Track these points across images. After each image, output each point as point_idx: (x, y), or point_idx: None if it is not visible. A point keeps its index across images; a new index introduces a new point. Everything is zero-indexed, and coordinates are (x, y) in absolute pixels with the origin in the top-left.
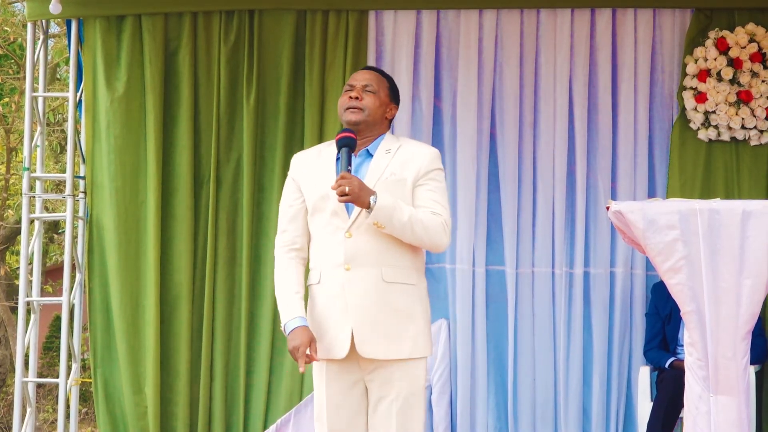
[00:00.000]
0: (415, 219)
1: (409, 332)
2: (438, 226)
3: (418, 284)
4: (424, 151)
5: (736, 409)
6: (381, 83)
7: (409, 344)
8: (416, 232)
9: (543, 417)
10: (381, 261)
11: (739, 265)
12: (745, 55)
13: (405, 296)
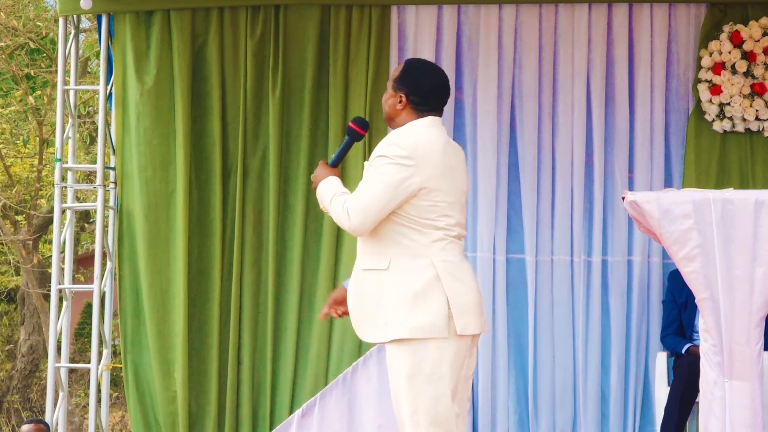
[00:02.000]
0: (332, 203)
1: (379, 317)
2: (340, 211)
3: (390, 270)
4: (382, 142)
5: (750, 394)
6: (392, 77)
7: (381, 328)
8: (333, 215)
9: (562, 401)
10: (362, 250)
11: (752, 253)
12: (758, 48)
13: (376, 283)
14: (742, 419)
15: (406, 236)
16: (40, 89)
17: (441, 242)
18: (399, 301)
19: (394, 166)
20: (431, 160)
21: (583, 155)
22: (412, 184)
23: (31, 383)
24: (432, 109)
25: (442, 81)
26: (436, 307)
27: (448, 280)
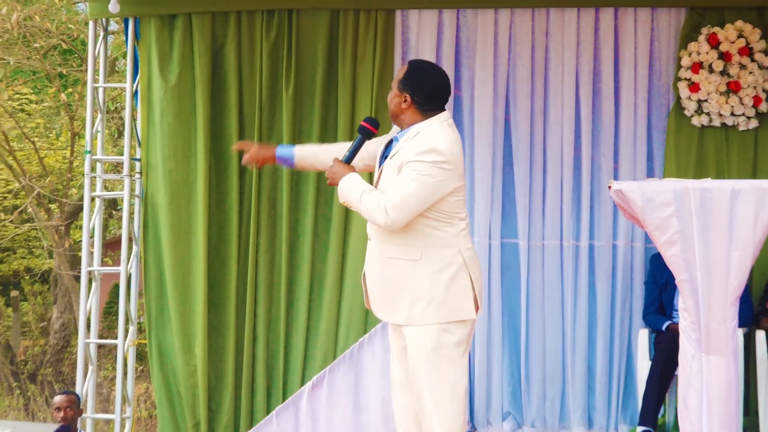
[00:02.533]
0: (363, 199)
1: (404, 302)
2: (375, 209)
3: (422, 260)
4: (415, 145)
5: (725, 367)
6: (397, 77)
7: (405, 313)
8: (362, 210)
9: (552, 374)
10: (385, 239)
11: (728, 238)
12: (734, 49)
13: (406, 272)
14: (718, 391)
15: (437, 228)
16: (71, 87)
17: (463, 231)
18: (429, 290)
19: (435, 169)
20: (460, 161)
21: (572, 148)
22: (449, 185)
23: (63, 357)
24: (435, 108)
25: (443, 81)
26: (467, 291)
27: (472, 265)
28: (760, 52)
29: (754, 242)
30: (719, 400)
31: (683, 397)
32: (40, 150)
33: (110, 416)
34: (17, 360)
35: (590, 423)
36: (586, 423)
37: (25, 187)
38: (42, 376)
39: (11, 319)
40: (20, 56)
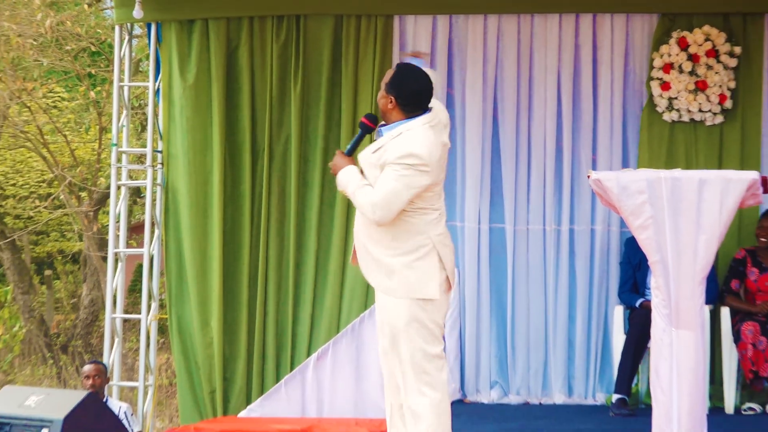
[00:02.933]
0: (356, 194)
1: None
2: (365, 204)
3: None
4: (397, 147)
5: (693, 341)
6: (384, 79)
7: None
8: (355, 202)
9: (536, 346)
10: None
11: (696, 223)
12: (701, 52)
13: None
14: (687, 362)
15: (411, 218)
16: (99, 85)
17: (435, 220)
18: (404, 268)
19: (413, 170)
20: (436, 162)
21: (554, 141)
22: (425, 184)
23: (91, 331)
24: (417, 109)
25: (425, 86)
26: (433, 273)
27: (441, 248)
28: (725, 54)
29: (720, 227)
30: (687, 370)
31: (655, 367)
32: (71, 143)
33: (134, 384)
34: (51, 333)
35: (570, 391)
36: (566, 391)
37: (57, 177)
38: (73, 348)
39: (45, 295)
40: (53, 58)
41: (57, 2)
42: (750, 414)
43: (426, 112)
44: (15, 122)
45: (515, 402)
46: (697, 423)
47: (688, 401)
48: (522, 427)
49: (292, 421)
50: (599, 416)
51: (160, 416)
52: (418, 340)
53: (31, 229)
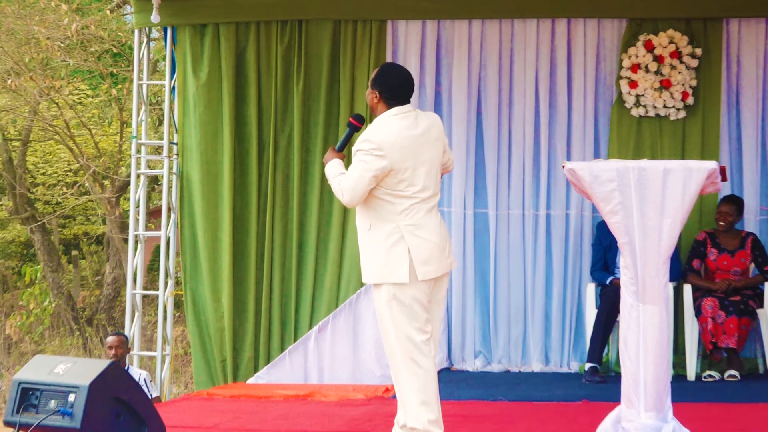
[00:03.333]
0: (333, 182)
1: (363, 263)
2: (336, 190)
3: (371, 230)
4: (360, 135)
5: (658, 315)
6: (370, 77)
7: (365, 272)
8: (333, 190)
9: (516, 320)
10: (357, 210)
11: (661, 208)
12: (666, 53)
13: (361, 238)
14: (652, 333)
15: (382, 206)
16: (120, 84)
17: (408, 209)
18: (374, 256)
19: (369, 156)
20: (393, 146)
21: (532, 134)
22: (385, 167)
23: (114, 305)
24: (398, 102)
25: (405, 80)
26: (401, 261)
27: (410, 238)
28: (687, 56)
29: (682, 212)
30: (653, 341)
31: (624, 338)
32: (95, 136)
33: (153, 353)
34: (77, 307)
35: (547, 360)
36: (543, 360)
37: (83, 166)
38: (97, 321)
39: (72, 274)
40: (79, 58)
41: (82, 8)
42: (709, 381)
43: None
44: (44, 117)
45: (497, 370)
46: (661, 389)
47: (654, 369)
48: (503, 392)
49: (295, 387)
50: (573, 383)
51: (176, 383)
52: (400, 317)
53: (59, 213)
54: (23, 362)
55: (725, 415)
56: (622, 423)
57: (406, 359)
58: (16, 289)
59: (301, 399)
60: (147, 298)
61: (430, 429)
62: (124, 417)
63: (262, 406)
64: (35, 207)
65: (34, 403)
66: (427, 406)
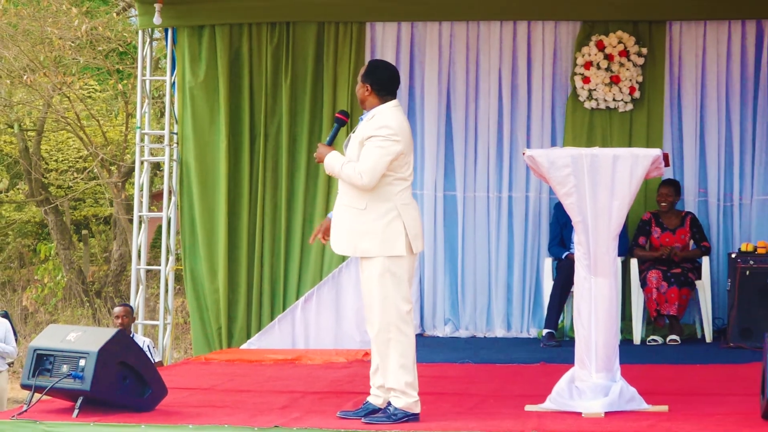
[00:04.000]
0: (344, 169)
1: (350, 238)
2: (353, 174)
3: (367, 209)
4: (372, 124)
5: (608, 286)
6: (360, 72)
7: (352, 247)
8: (344, 176)
9: (481, 291)
10: (344, 191)
11: (610, 191)
12: (615, 52)
13: (350, 216)
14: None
15: (382, 187)
16: (126, 79)
17: (402, 191)
18: (369, 232)
19: (387, 141)
20: (404, 132)
21: (496, 124)
22: (399, 152)
23: (121, 279)
24: (389, 93)
25: (394, 74)
26: (399, 236)
27: (406, 216)
28: (634, 54)
29: (630, 194)
30: (603, 309)
31: (577, 307)
32: (103, 126)
33: (155, 322)
34: (87, 281)
35: (509, 326)
36: (506, 327)
37: (92, 154)
38: (105, 293)
39: (83, 251)
40: (88, 56)
41: (91, 11)
42: (653, 345)
43: (394, 98)
44: (57, 109)
45: (464, 336)
46: (611, 352)
47: (604, 334)
48: (470, 355)
49: (284, 351)
50: (532, 347)
51: (176, 349)
52: (391, 289)
53: (71, 196)
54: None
55: (667, 375)
56: (575, 383)
57: (392, 327)
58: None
59: (289, 362)
60: (150, 272)
61: (406, 390)
62: (130, 380)
63: (254, 369)
64: (49, 191)
65: (48, 368)
66: (405, 369)
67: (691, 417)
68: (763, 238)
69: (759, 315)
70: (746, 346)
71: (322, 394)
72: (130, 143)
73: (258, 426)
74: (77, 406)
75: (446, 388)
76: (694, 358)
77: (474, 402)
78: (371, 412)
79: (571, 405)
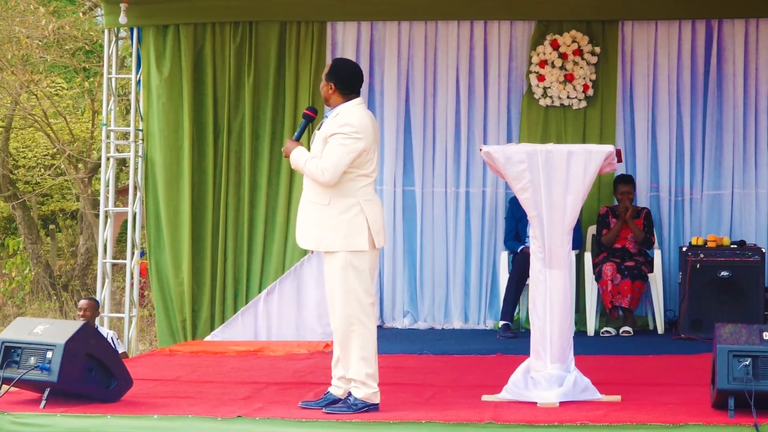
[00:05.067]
0: (307, 165)
1: (315, 233)
2: (315, 171)
3: (330, 205)
4: (336, 121)
5: (562, 278)
6: (324, 71)
7: (316, 241)
8: (307, 172)
9: (439, 284)
10: (309, 186)
11: (565, 186)
12: (569, 51)
13: (318, 212)
14: (557, 295)
15: (344, 183)
16: (92, 77)
17: (365, 186)
18: (332, 227)
19: (350, 138)
20: (367, 130)
21: (453, 121)
22: (361, 149)
23: (87, 273)
24: (352, 92)
25: (357, 72)
26: (361, 231)
27: (368, 212)
28: (588, 53)
29: (583, 189)
30: (558, 301)
31: (533, 299)
32: (69, 123)
33: (121, 315)
34: (54, 275)
35: (466, 318)
36: (463, 318)
37: (59, 150)
38: (72, 287)
39: (50, 245)
40: (55, 55)
41: (58, 10)
42: (607, 336)
43: (358, 96)
44: (25, 107)
45: (423, 327)
46: (565, 343)
47: (559, 326)
48: (429, 346)
49: (247, 343)
50: (489, 338)
51: (141, 341)
52: (353, 282)
53: (38, 192)
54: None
55: (620, 366)
56: (531, 373)
57: (353, 320)
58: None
59: (252, 354)
60: (116, 266)
61: (366, 381)
62: (96, 371)
63: (217, 360)
64: (17, 186)
65: (16, 360)
66: (366, 362)
67: (643, 407)
68: (713, 232)
69: (709, 307)
70: (697, 338)
71: (284, 385)
72: (97, 140)
73: (221, 416)
74: (44, 397)
75: (405, 378)
76: (646, 349)
77: (432, 392)
78: (332, 402)
79: (526, 395)
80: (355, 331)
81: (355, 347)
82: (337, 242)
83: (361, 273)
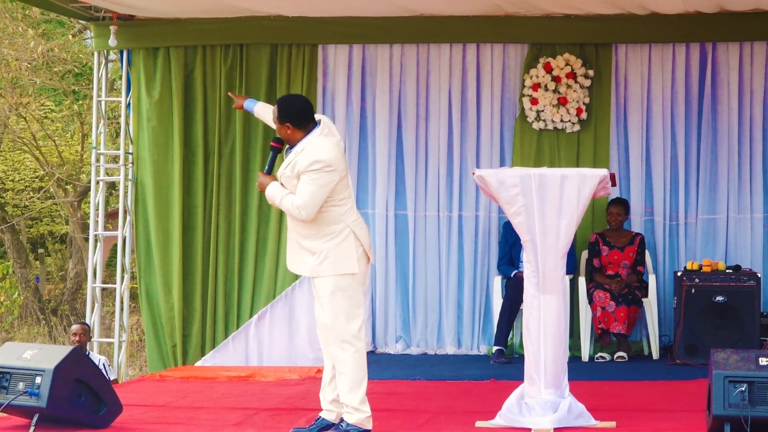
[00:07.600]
0: (283, 202)
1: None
2: (292, 208)
3: (319, 234)
4: (304, 158)
5: (556, 303)
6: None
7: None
8: (284, 209)
9: (432, 308)
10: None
11: (558, 210)
12: (563, 74)
13: (307, 240)
14: (551, 320)
15: (329, 211)
16: (81, 100)
17: (349, 210)
18: (321, 253)
19: (321, 173)
20: (337, 160)
21: (446, 144)
22: (334, 180)
23: (77, 297)
24: (309, 122)
25: (305, 102)
26: (350, 254)
27: (358, 231)
28: (581, 76)
29: (577, 213)
30: (552, 326)
31: (526, 324)
32: (59, 146)
33: (111, 340)
34: (43, 299)
35: (459, 344)
36: (456, 344)
37: (48, 173)
38: (61, 311)
39: (39, 269)
40: (44, 78)
41: (47, 33)
42: (601, 361)
43: (317, 125)
44: (13, 130)
45: (416, 353)
46: (559, 369)
47: (553, 351)
48: (421, 372)
49: (238, 369)
50: (482, 363)
51: (132, 366)
52: (343, 306)
53: (27, 215)
54: None
55: (614, 392)
56: (525, 399)
57: (344, 344)
58: None
59: (243, 379)
60: (105, 290)
61: (359, 407)
62: (85, 397)
63: (208, 386)
64: (5, 210)
65: (4, 385)
66: (357, 386)
67: None
68: (708, 256)
69: (704, 332)
70: (692, 363)
71: (275, 411)
72: (86, 163)
73: None
74: (33, 423)
75: (398, 404)
76: (641, 374)
77: (425, 418)
78: (324, 427)
79: (520, 421)
80: (345, 356)
81: (346, 372)
82: (327, 267)
83: (351, 296)
